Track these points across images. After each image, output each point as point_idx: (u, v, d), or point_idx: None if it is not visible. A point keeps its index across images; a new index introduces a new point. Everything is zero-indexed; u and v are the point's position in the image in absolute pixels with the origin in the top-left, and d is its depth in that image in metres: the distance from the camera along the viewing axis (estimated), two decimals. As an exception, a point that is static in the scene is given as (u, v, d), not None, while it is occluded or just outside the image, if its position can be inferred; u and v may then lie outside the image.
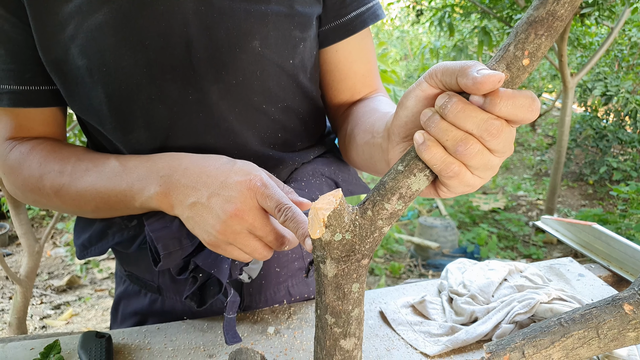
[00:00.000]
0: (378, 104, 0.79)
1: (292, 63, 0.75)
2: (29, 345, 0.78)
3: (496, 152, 0.48)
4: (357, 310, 0.53)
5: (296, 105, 0.80)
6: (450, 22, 4.72)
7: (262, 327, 0.84)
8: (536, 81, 7.54)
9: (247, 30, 0.70)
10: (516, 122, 0.46)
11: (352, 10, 0.80)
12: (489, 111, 0.45)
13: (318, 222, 0.48)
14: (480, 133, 0.46)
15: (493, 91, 0.45)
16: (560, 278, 0.99)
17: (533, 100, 0.45)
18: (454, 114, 0.46)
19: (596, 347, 0.59)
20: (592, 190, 5.56)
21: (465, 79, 0.45)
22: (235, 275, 0.76)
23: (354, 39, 0.82)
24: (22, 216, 1.91)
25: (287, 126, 0.80)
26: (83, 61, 0.68)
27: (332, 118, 0.91)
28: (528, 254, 3.96)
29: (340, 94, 0.86)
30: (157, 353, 0.77)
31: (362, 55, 0.84)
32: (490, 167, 0.49)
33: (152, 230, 0.70)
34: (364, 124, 0.74)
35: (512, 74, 0.46)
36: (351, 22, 0.80)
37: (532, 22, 0.44)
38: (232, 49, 0.70)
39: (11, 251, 3.86)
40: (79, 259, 0.86)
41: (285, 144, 0.82)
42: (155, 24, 0.67)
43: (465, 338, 0.77)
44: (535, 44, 0.44)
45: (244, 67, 0.72)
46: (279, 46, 0.73)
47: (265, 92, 0.75)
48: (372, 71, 0.86)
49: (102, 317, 3.02)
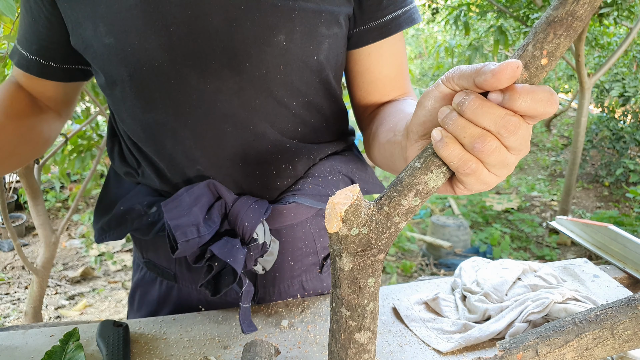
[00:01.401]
0: (405, 105, 0.79)
1: (316, 59, 0.76)
2: (49, 333, 0.80)
3: (513, 149, 0.48)
4: (372, 304, 0.54)
5: (318, 101, 0.80)
6: (466, 20, 4.68)
7: (276, 320, 0.85)
8: (552, 81, 7.47)
9: (273, 24, 0.70)
10: (536, 116, 0.46)
11: (389, 13, 0.79)
12: (509, 107, 0.46)
13: (335, 217, 0.49)
14: (497, 129, 0.46)
15: (511, 87, 0.45)
16: (575, 279, 0.98)
17: (551, 93, 0.45)
18: (472, 110, 0.46)
19: (611, 347, 0.59)
20: (608, 192, 5.50)
21: (483, 75, 0.45)
22: (250, 265, 0.77)
23: (387, 41, 0.81)
24: (39, 207, 1.94)
25: (307, 121, 0.81)
26: (110, 40, 0.71)
27: (360, 118, 0.91)
28: (541, 255, 3.93)
29: (369, 95, 0.86)
30: (173, 343, 0.78)
31: (394, 58, 0.84)
32: (507, 164, 0.49)
33: (170, 218, 0.72)
34: (388, 124, 0.75)
35: (530, 73, 0.46)
36: (386, 25, 0.80)
37: (551, 22, 0.44)
38: (257, 41, 0.71)
39: (28, 242, 3.92)
40: (96, 243, 0.88)
41: (304, 137, 0.82)
42: (182, 11, 0.68)
43: (478, 336, 0.78)
44: (554, 43, 0.44)
45: (268, 60, 0.72)
46: (304, 41, 0.73)
47: (288, 85, 0.75)
48: (403, 74, 0.86)
49: (115, 309, 3.06)
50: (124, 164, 0.87)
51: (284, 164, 0.81)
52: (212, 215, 0.76)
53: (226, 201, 0.78)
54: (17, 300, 3.11)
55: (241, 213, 0.77)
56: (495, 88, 0.46)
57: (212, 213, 0.76)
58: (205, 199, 0.77)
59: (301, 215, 0.85)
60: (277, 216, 0.82)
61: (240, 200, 0.79)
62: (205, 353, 0.76)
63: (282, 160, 0.80)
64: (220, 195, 0.78)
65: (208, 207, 0.77)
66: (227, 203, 0.78)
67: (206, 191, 0.77)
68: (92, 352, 0.76)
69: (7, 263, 3.56)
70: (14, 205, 4.33)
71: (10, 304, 3.06)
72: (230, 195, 0.79)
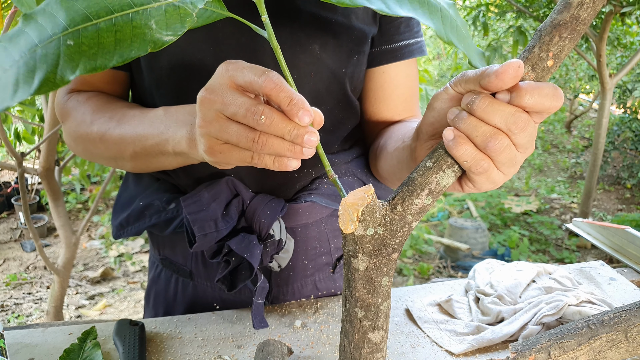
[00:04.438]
0: (413, 123, 0.82)
1: (344, 72, 0.80)
2: (67, 331, 0.82)
3: (521, 147, 0.50)
4: (385, 304, 0.55)
5: (337, 110, 0.84)
6: (484, 21, 4.64)
7: (289, 320, 0.85)
8: (573, 82, 7.36)
9: (310, 33, 0.74)
10: (542, 111, 0.48)
11: (404, 39, 0.85)
12: (517, 104, 0.47)
13: (350, 217, 0.50)
14: (508, 126, 0.48)
15: (517, 86, 0.47)
16: (591, 281, 0.97)
17: (556, 88, 0.47)
18: (482, 109, 0.48)
19: (624, 350, 0.59)
20: (630, 194, 5.40)
21: (487, 77, 0.47)
22: (266, 262, 0.80)
23: (401, 64, 0.86)
24: (60, 209, 1.98)
25: (328, 129, 0.84)
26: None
27: (368, 134, 0.94)
28: (560, 257, 3.87)
29: (380, 112, 0.89)
30: (188, 342, 0.80)
31: (407, 81, 0.88)
32: (515, 163, 0.51)
33: (189, 212, 0.75)
34: (397, 135, 0.78)
35: (536, 74, 0.48)
36: (400, 49, 0.85)
37: (556, 25, 0.46)
38: (292, 47, 0.74)
39: (49, 242, 3.99)
40: (114, 238, 0.90)
41: (325, 145, 0.85)
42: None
43: (491, 338, 0.77)
44: (559, 46, 0.47)
45: (300, 67, 0.76)
46: (336, 53, 0.77)
47: (314, 93, 0.79)
48: (413, 98, 0.90)
49: (134, 309, 3.10)
50: None
51: (306, 169, 0.84)
52: (230, 211, 0.79)
53: (244, 198, 0.80)
54: (39, 299, 3.17)
55: (258, 210, 0.79)
56: (499, 88, 0.48)
57: (229, 209, 0.79)
58: (223, 195, 0.79)
59: (316, 215, 0.86)
60: (293, 214, 0.84)
61: (257, 198, 0.81)
62: (219, 352, 0.77)
63: (305, 166, 0.83)
64: (238, 193, 0.81)
65: (226, 204, 0.79)
66: (245, 200, 0.81)
67: (225, 188, 0.79)
68: (108, 350, 0.77)
69: (29, 263, 3.64)
70: (36, 206, 4.41)
71: (32, 303, 3.12)
72: (248, 193, 0.81)
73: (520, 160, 0.51)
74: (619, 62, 5.69)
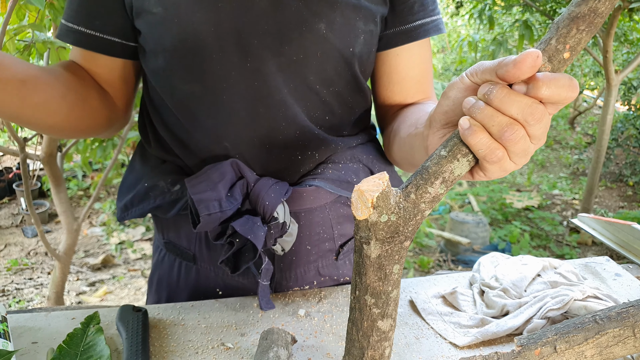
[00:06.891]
0: (427, 107, 0.82)
1: (351, 51, 0.79)
2: (70, 315, 0.82)
3: (535, 138, 0.50)
4: (395, 292, 0.55)
5: (346, 93, 0.83)
6: (490, 14, 4.61)
7: (292, 309, 0.85)
8: (578, 77, 7.32)
9: (316, 12, 0.74)
10: (559, 102, 0.48)
11: (418, 19, 0.83)
12: (534, 95, 0.47)
13: (364, 204, 0.50)
14: (524, 117, 0.48)
15: (534, 77, 0.47)
16: (596, 277, 0.97)
17: (571, 79, 0.47)
18: (500, 99, 0.48)
19: (632, 346, 0.59)
20: (632, 192, 5.39)
21: (505, 66, 0.47)
22: (270, 244, 0.80)
23: (415, 45, 0.85)
24: (62, 195, 1.98)
25: (335, 111, 0.83)
26: (158, 9, 0.73)
27: (382, 117, 0.94)
28: (561, 254, 3.87)
29: (394, 95, 0.89)
30: (191, 329, 0.79)
31: (421, 62, 0.87)
32: (527, 153, 0.51)
33: (193, 192, 0.75)
34: (410, 120, 0.78)
35: (553, 66, 0.48)
36: (415, 30, 0.84)
37: (574, 18, 0.47)
38: (298, 26, 0.74)
39: (50, 229, 4.00)
40: (118, 221, 0.91)
41: (331, 127, 0.85)
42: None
43: (496, 331, 0.77)
44: (577, 38, 0.47)
45: (306, 46, 0.75)
46: (342, 33, 0.76)
47: (322, 73, 0.78)
48: (427, 79, 0.89)
49: (134, 296, 3.11)
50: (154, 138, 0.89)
51: (310, 151, 0.84)
52: (234, 192, 0.79)
53: (248, 181, 0.80)
54: (40, 285, 3.18)
55: (262, 192, 0.79)
56: (517, 78, 0.48)
57: (234, 191, 0.79)
58: (228, 177, 0.79)
59: (320, 200, 0.86)
60: (297, 198, 0.84)
61: (261, 181, 0.81)
62: (222, 340, 0.77)
63: (308, 148, 0.83)
64: (242, 175, 0.80)
65: (230, 185, 0.79)
66: (249, 182, 0.80)
67: (229, 169, 0.79)
68: (111, 336, 0.77)
69: (30, 249, 3.64)
70: (38, 192, 4.42)
71: (33, 289, 3.13)
72: (252, 175, 0.81)
73: (532, 151, 0.52)
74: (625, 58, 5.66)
